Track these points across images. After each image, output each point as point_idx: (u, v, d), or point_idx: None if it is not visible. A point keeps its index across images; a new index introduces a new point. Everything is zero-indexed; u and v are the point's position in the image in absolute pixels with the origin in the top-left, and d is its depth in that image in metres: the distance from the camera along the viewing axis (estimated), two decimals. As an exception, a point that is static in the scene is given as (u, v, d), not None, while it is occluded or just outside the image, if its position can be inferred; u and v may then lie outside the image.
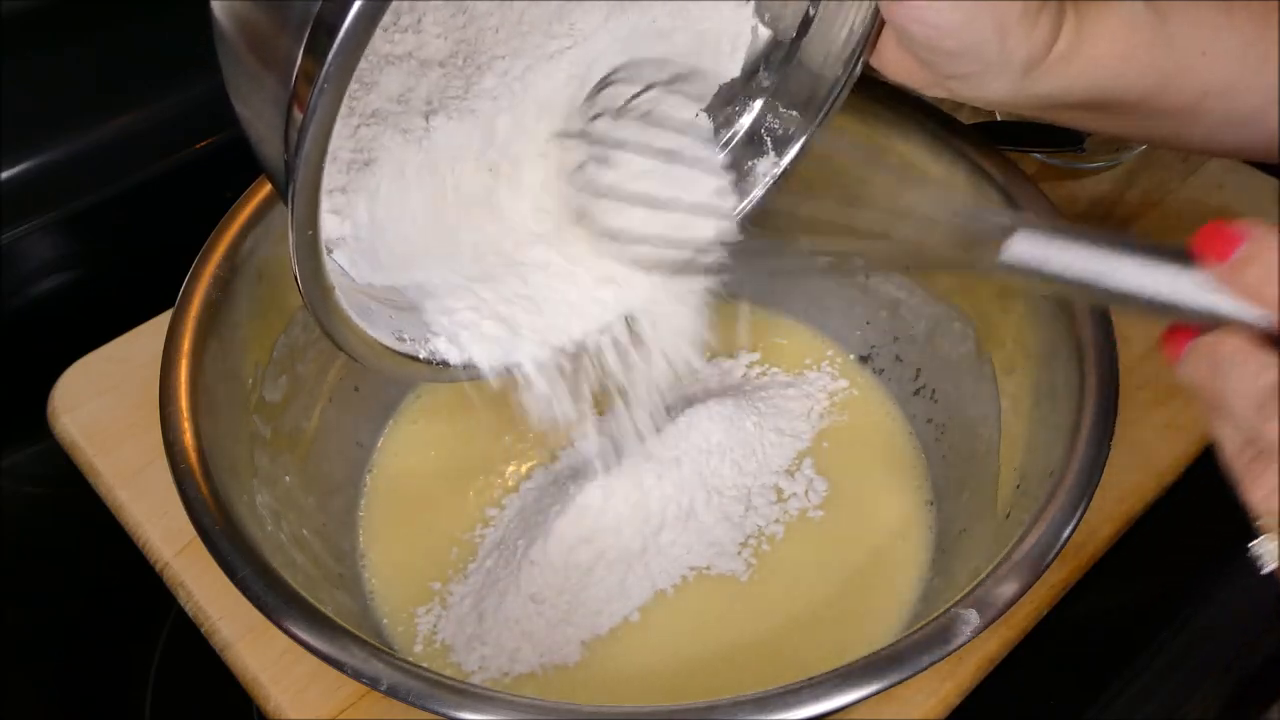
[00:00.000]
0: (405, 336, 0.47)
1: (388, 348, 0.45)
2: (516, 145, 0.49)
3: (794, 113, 0.52)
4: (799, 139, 0.52)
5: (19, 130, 0.71)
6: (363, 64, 0.43)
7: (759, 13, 0.51)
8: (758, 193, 0.53)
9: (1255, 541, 0.35)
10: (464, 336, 0.48)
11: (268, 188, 0.53)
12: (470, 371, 0.48)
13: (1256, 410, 0.33)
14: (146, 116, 0.76)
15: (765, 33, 0.52)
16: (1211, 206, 0.69)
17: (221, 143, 0.75)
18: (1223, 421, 0.35)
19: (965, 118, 0.74)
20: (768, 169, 0.53)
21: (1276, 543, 0.34)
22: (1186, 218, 0.68)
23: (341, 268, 0.45)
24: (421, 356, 0.47)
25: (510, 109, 0.49)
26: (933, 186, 0.43)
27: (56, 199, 0.73)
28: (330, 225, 0.45)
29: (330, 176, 0.45)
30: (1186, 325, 0.36)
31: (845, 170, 0.49)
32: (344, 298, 0.42)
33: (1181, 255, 0.35)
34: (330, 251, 0.45)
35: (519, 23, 0.47)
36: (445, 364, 0.47)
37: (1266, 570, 0.35)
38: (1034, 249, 0.38)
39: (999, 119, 0.74)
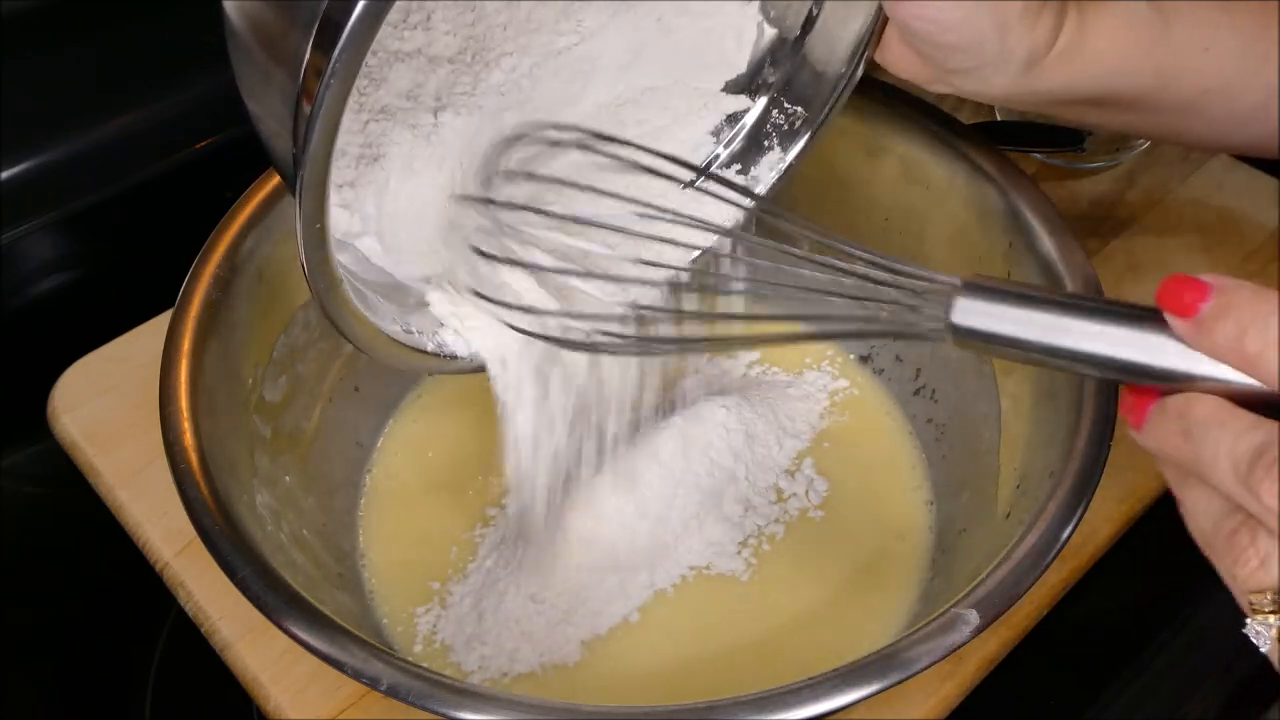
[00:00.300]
0: (413, 329, 0.47)
1: (395, 340, 0.45)
2: (520, 113, 0.49)
3: (799, 109, 0.52)
4: (804, 134, 0.52)
5: (19, 130, 0.71)
6: (371, 60, 0.44)
7: (763, 11, 0.51)
8: (764, 187, 0.53)
9: (1247, 623, 0.32)
10: (472, 329, 0.48)
11: (268, 187, 0.53)
12: (479, 363, 0.48)
13: (1243, 475, 0.30)
14: (146, 116, 0.76)
15: (771, 30, 0.52)
16: (1212, 206, 0.69)
17: (221, 143, 0.75)
18: (1197, 491, 0.33)
19: (965, 118, 0.74)
20: (774, 163, 0.53)
21: (1272, 621, 0.31)
22: (1186, 218, 0.68)
23: (345, 264, 0.45)
24: (429, 349, 0.47)
25: (518, 105, 0.49)
26: (873, 257, 0.41)
27: (56, 199, 0.72)
28: (339, 219, 0.45)
29: (339, 171, 0.45)
30: (1148, 387, 0.34)
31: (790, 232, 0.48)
32: (351, 291, 0.43)
33: (1145, 312, 0.33)
34: (347, 245, 0.45)
35: (527, 20, 0.47)
36: (454, 356, 0.48)
37: (1264, 651, 0.32)
38: (984, 308, 0.36)
39: (999, 119, 0.74)
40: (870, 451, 0.60)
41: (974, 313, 0.36)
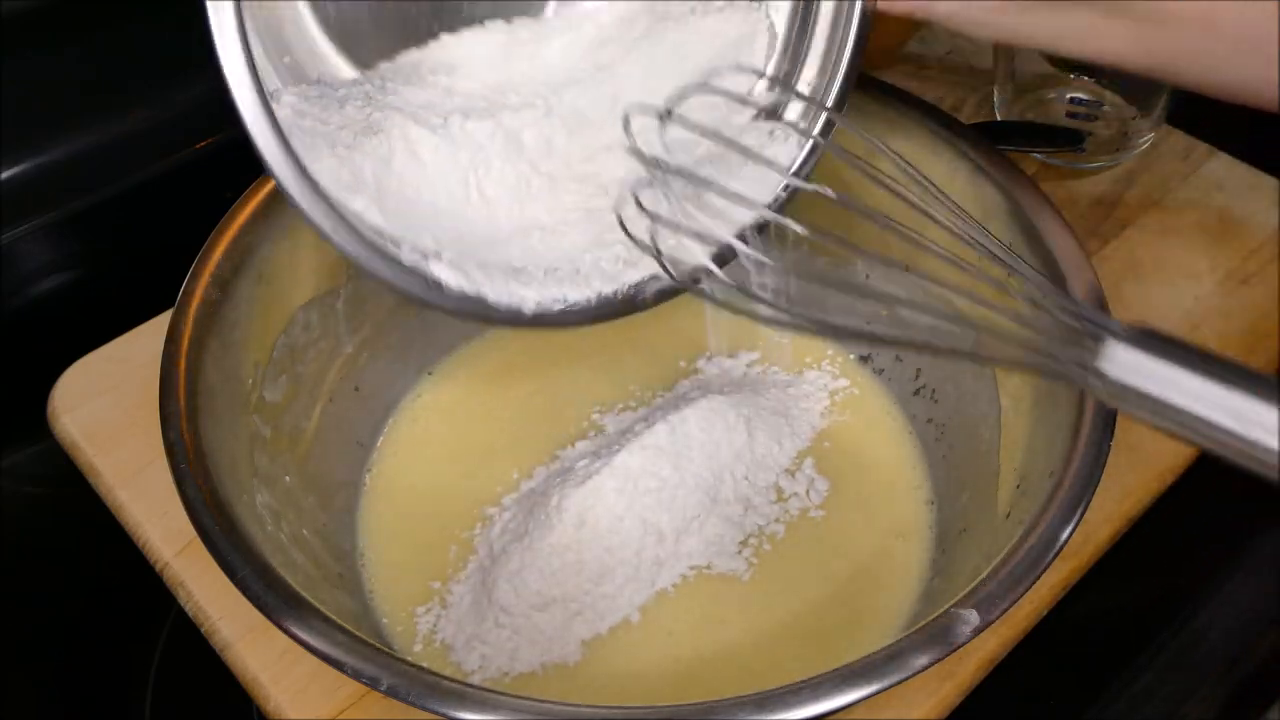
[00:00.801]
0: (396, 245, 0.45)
1: (361, 235, 0.43)
2: (549, 163, 0.49)
3: (811, 99, 0.51)
4: (818, 121, 0.51)
5: (19, 130, 0.71)
6: (388, 83, 0.46)
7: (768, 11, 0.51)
8: (781, 189, 0.51)
9: None
10: (478, 276, 0.46)
11: (268, 187, 0.53)
12: (469, 304, 0.46)
13: None
14: (146, 116, 0.76)
15: (780, 26, 0.52)
16: (1212, 206, 0.69)
17: (221, 143, 0.76)
18: None
19: (965, 117, 0.74)
20: (790, 158, 0.52)
21: None
22: (1186, 218, 0.68)
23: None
24: (406, 262, 0.44)
25: (535, 124, 0.49)
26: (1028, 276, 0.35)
27: (56, 199, 0.73)
28: (329, 166, 0.45)
29: (338, 135, 0.46)
30: None
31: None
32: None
33: None
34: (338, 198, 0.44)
35: (548, 68, 0.49)
36: (438, 282, 0.45)
37: None
38: (1151, 367, 0.31)
39: (999, 119, 0.74)
40: (870, 451, 0.60)
41: (1137, 370, 0.31)
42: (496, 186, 0.49)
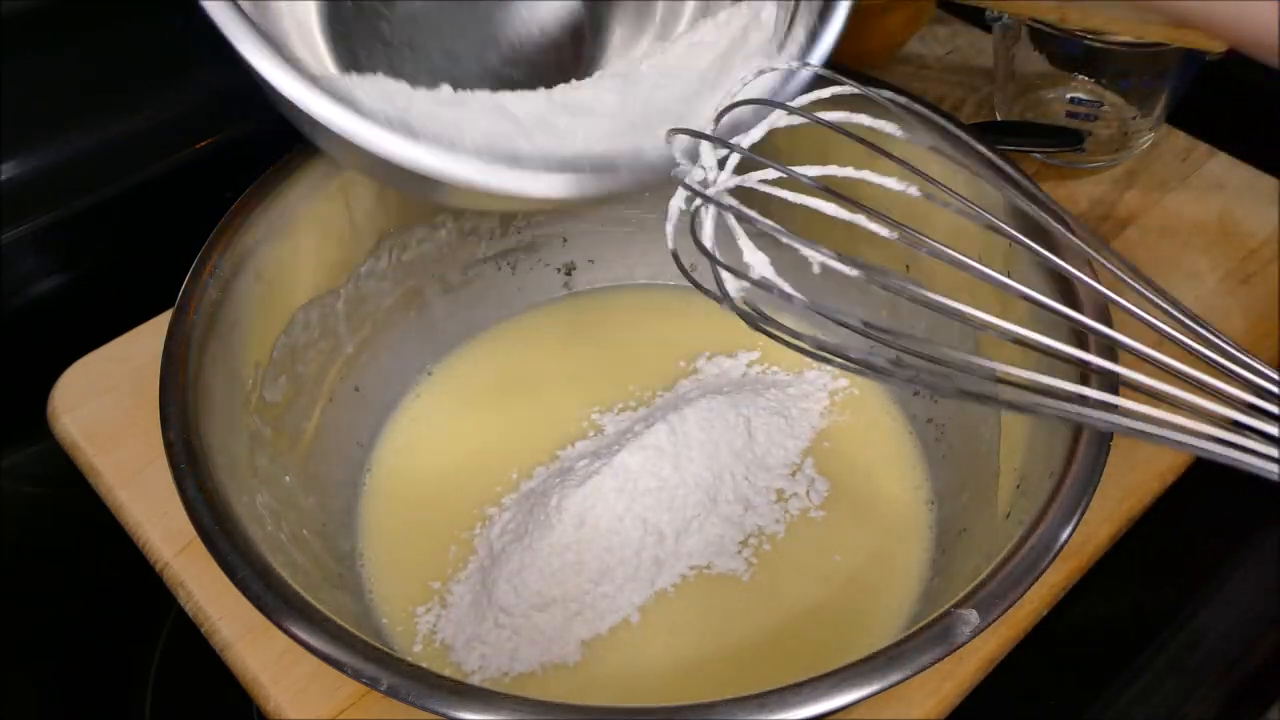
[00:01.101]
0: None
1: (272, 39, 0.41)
2: (546, 140, 0.48)
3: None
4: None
5: (19, 130, 0.71)
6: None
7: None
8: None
9: None
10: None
11: (268, 187, 0.53)
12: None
13: None
14: (146, 116, 0.76)
15: None
16: (1212, 206, 0.69)
17: (221, 143, 0.76)
18: None
19: (966, 117, 0.74)
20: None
21: None
22: (1186, 218, 0.68)
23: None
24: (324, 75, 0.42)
25: (535, 103, 0.49)
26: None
27: (56, 199, 0.73)
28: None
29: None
30: None
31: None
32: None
33: None
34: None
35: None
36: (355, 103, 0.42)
37: None
38: None
39: (999, 119, 0.74)
40: (870, 451, 0.60)
41: None
42: (481, 139, 0.46)
